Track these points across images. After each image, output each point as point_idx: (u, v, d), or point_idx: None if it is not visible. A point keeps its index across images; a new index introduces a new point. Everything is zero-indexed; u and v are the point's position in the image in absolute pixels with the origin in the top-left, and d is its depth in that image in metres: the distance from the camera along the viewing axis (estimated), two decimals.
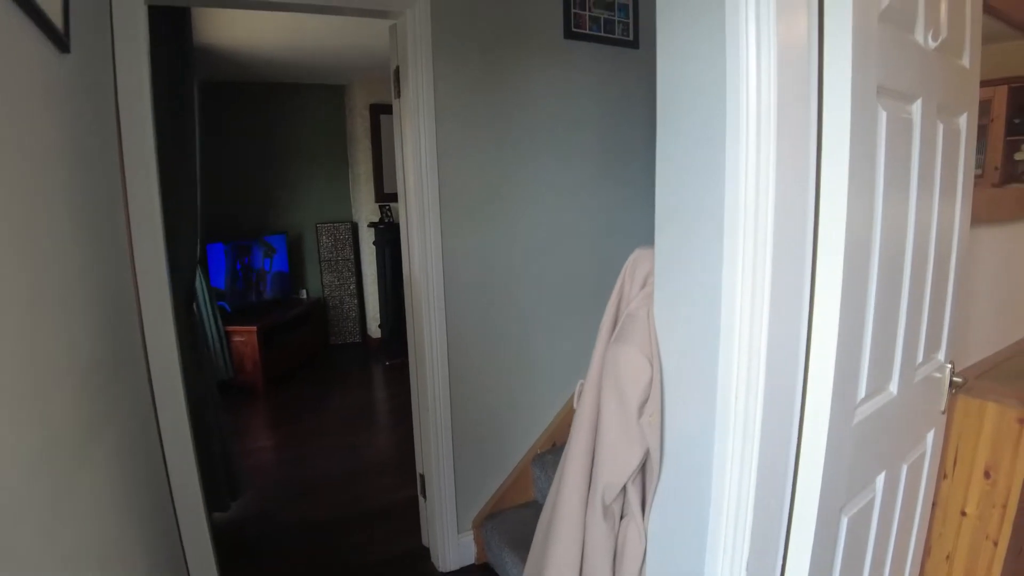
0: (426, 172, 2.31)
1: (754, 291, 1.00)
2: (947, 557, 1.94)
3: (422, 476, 2.64)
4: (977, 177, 2.64)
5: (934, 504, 1.87)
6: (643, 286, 1.22)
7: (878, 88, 1.09)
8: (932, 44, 1.25)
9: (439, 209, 2.36)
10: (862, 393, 1.20)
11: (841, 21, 1.01)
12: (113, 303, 1.58)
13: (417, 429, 2.65)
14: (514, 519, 2.45)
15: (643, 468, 1.24)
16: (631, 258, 1.27)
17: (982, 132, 2.73)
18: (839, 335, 1.08)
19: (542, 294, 2.70)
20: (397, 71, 2.33)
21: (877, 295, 1.17)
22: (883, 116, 1.12)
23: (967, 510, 1.88)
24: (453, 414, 2.51)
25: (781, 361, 1.06)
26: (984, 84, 2.63)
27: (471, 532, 2.64)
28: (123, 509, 1.34)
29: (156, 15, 2.15)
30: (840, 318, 1.07)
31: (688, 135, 1.09)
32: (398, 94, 2.35)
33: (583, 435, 1.27)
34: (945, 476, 1.90)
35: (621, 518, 1.31)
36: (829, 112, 1.05)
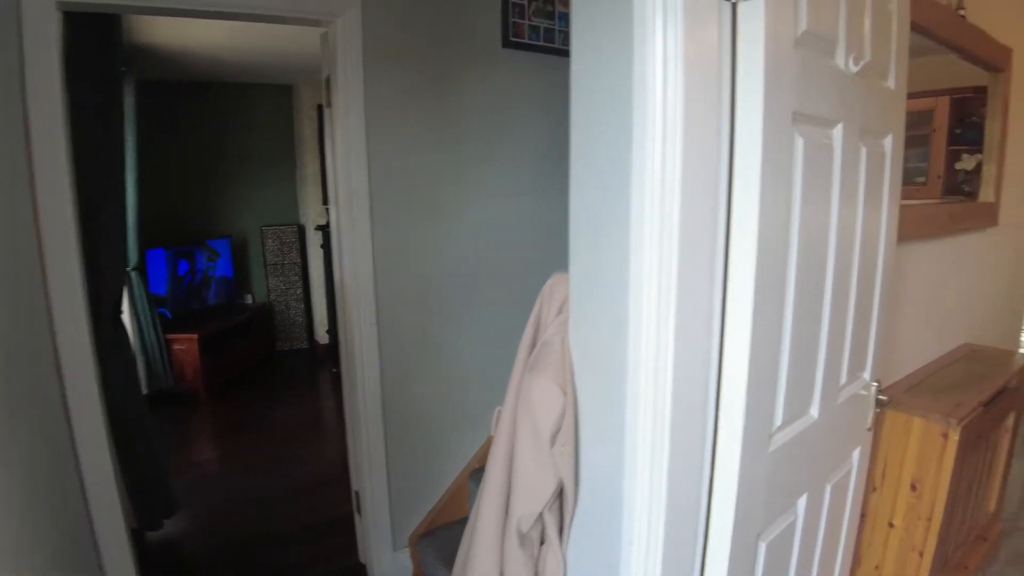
0: (355, 181, 2.24)
1: (659, 318, 0.97)
2: (876, 567, 1.97)
3: (357, 493, 2.58)
4: (920, 186, 2.68)
5: (864, 516, 1.89)
6: (559, 312, 1.19)
7: (794, 114, 1.08)
8: (854, 68, 1.25)
9: (369, 215, 2.30)
10: (779, 420, 1.18)
11: (753, 48, 0.99)
12: (12, 325, 1.50)
13: (351, 443, 2.59)
14: (449, 536, 2.40)
15: (560, 494, 1.21)
16: (549, 282, 1.25)
17: (924, 141, 2.79)
18: (750, 363, 1.05)
19: (481, 302, 2.65)
20: (328, 80, 2.26)
21: (794, 321, 1.16)
22: (800, 142, 1.10)
23: (894, 522, 1.91)
24: (386, 428, 2.44)
25: (689, 391, 1.03)
26: (927, 95, 2.67)
27: (408, 549, 2.59)
28: (20, 547, 1.27)
29: (79, 17, 2.06)
30: (751, 346, 1.05)
31: (597, 157, 1.07)
32: (329, 103, 2.29)
33: (500, 463, 1.24)
34: (874, 489, 1.92)
35: (541, 544, 1.28)
36: (742, 138, 1.03)
